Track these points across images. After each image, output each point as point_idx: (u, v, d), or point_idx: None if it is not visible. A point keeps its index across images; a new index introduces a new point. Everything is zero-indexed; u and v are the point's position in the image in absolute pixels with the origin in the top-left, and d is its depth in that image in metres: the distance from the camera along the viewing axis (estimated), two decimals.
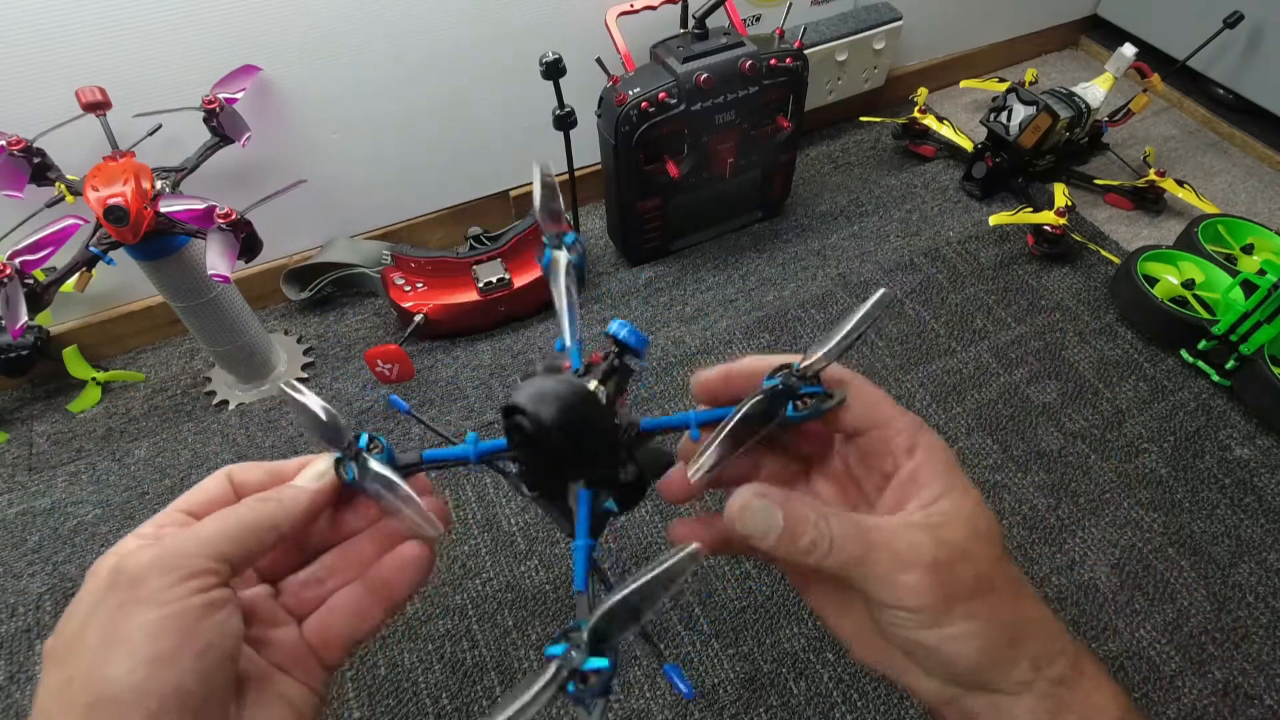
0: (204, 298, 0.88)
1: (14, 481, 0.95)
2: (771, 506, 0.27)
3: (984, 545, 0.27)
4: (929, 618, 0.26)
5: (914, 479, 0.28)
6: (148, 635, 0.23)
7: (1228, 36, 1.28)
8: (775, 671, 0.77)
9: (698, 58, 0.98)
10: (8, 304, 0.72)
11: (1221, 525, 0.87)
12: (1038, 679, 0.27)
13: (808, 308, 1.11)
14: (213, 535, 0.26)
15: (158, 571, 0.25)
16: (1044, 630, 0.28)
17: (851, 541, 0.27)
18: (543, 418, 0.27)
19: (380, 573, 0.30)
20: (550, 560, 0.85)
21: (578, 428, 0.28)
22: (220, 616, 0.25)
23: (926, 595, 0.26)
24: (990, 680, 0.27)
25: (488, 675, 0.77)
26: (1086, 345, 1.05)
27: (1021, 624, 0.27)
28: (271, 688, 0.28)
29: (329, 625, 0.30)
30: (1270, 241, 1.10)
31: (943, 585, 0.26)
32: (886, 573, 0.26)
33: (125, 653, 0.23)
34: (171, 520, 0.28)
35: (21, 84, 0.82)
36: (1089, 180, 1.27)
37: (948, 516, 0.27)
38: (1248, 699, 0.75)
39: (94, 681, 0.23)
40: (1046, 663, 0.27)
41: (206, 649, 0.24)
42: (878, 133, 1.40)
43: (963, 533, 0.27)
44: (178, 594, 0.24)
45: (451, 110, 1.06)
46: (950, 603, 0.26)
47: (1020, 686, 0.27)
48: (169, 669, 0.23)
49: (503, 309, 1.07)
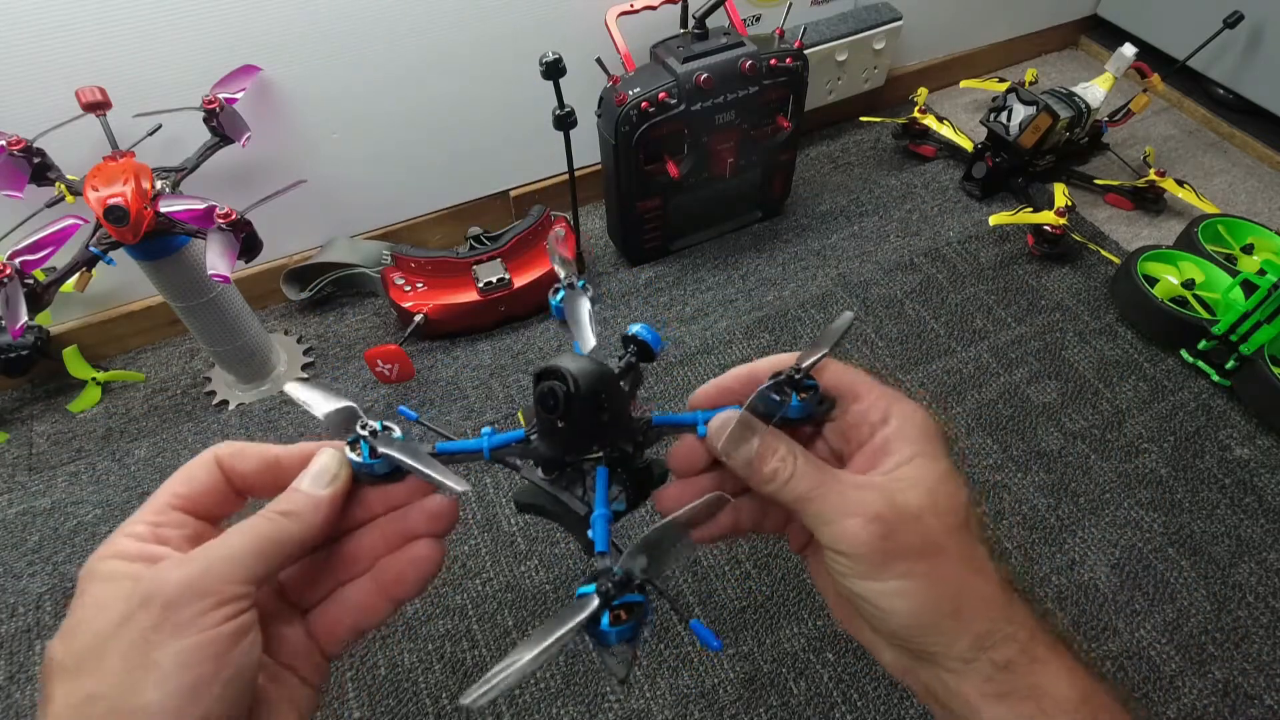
0: (204, 298, 0.88)
1: (14, 481, 0.95)
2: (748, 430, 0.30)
3: (939, 514, 0.28)
4: (864, 568, 0.27)
5: (884, 447, 0.30)
6: (181, 664, 0.23)
7: (1228, 36, 1.28)
8: (775, 671, 0.77)
9: (698, 58, 0.98)
10: (8, 304, 0.72)
11: (1221, 525, 0.87)
12: (979, 658, 0.27)
13: (808, 308, 1.11)
14: (244, 555, 0.26)
15: (192, 596, 0.24)
16: (994, 610, 0.28)
17: (808, 480, 0.28)
18: (577, 378, 0.29)
19: (392, 568, 0.30)
20: (550, 560, 0.85)
21: (605, 393, 0.30)
22: (247, 642, 0.25)
23: (863, 545, 0.27)
24: (932, 650, 0.28)
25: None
26: (1086, 345, 1.05)
27: (967, 596, 0.28)
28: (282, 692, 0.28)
29: (336, 618, 0.30)
30: (1270, 241, 1.10)
31: (882, 538, 0.27)
32: (831, 515, 0.28)
33: (157, 680, 0.23)
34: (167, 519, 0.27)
35: (21, 84, 0.82)
36: (1089, 180, 1.27)
37: (907, 481, 0.28)
38: (1248, 699, 0.75)
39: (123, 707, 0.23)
40: (991, 644, 0.27)
41: (235, 677, 0.24)
42: (878, 133, 1.40)
43: (918, 498, 0.28)
44: (212, 620, 0.24)
45: (451, 110, 1.06)
46: (887, 557, 0.27)
47: (960, 664, 0.27)
48: (200, 699, 0.23)
49: (503, 309, 1.07)
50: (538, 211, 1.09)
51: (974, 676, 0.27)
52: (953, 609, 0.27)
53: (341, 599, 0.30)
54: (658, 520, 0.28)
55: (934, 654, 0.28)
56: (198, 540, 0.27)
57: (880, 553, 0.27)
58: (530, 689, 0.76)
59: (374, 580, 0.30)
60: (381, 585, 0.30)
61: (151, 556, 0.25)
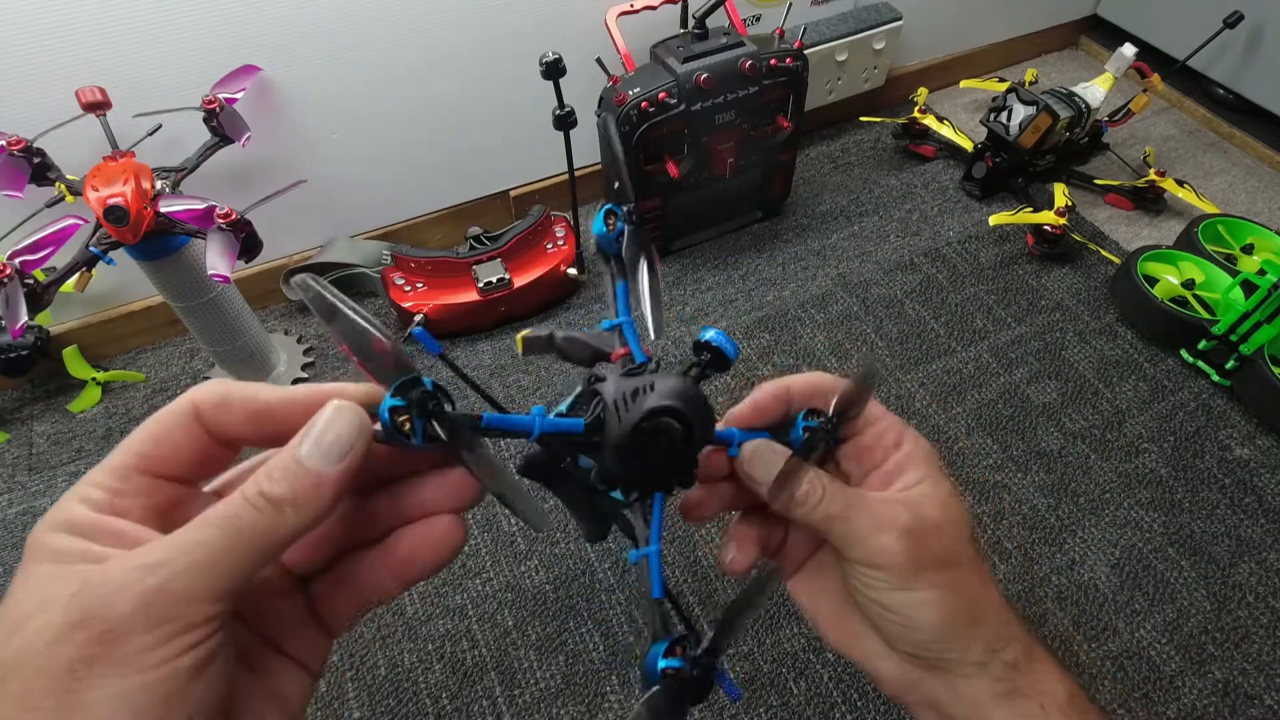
0: (204, 298, 0.88)
1: (14, 481, 0.95)
2: (778, 459, 0.30)
3: (954, 526, 0.30)
4: (899, 579, 0.29)
5: (898, 468, 0.31)
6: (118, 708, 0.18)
7: (1228, 36, 1.28)
8: (775, 671, 0.77)
9: (698, 58, 0.98)
10: (8, 304, 0.72)
11: (1221, 525, 0.87)
12: (992, 660, 0.29)
13: (808, 308, 1.11)
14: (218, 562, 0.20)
15: (143, 624, 0.19)
16: (1000, 615, 0.30)
17: (838, 501, 0.29)
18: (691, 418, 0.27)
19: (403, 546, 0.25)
20: (550, 560, 0.85)
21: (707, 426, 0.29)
22: (212, 671, 0.20)
23: (898, 557, 0.28)
24: (948, 658, 0.29)
25: (488, 675, 0.77)
26: (1086, 345, 1.05)
27: (982, 605, 0.30)
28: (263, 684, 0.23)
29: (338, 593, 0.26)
30: (1270, 241, 1.10)
31: (914, 550, 0.28)
32: (865, 533, 0.29)
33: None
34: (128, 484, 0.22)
35: (21, 84, 0.82)
36: (1089, 180, 1.27)
37: (924, 497, 0.30)
38: (1248, 699, 0.75)
39: None
40: (1001, 646, 0.29)
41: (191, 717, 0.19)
42: (878, 133, 1.40)
43: (936, 511, 0.30)
44: (165, 654, 0.19)
45: (451, 110, 1.06)
46: (919, 567, 0.28)
47: (975, 669, 0.29)
48: None
49: (503, 309, 1.07)
50: (538, 211, 1.09)
51: (986, 678, 0.29)
52: (972, 616, 0.29)
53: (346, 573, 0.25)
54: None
55: (950, 661, 0.29)
56: (166, 512, 0.22)
57: (913, 563, 0.28)
58: (530, 689, 0.76)
59: (384, 558, 0.25)
60: (392, 563, 0.25)
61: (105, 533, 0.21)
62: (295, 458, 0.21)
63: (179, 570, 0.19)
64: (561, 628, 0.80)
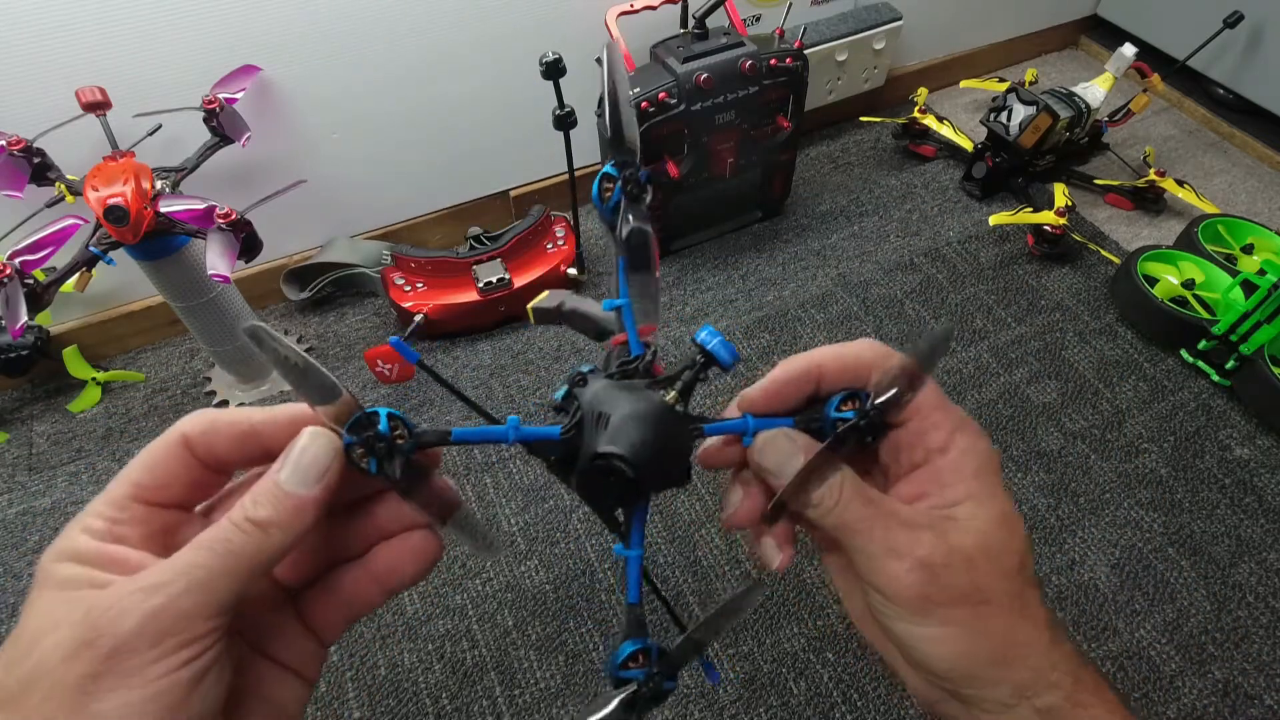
0: (204, 298, 0.88)
1: (14, 481, 0.95)
2: (796, 449, 0.27)
3: (991, 559, 0.26)
4: (906, 612, 0.26)
5: (938, 477, 0.27)
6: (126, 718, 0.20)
7: (1228, 36, 1.28)
8: (775, 671, 0.77)
9: (698, 58, 0.98)
10: (8, 304, 0.72)
11: (1221, 525, 0.87)
12: (1021, 704, 0.26)
13: (808, 308, 1.11)
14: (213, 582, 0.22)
15: (148, 640, 0.21)
16: (1041, 659, 0.26)
17: (856, 510, 0.26)
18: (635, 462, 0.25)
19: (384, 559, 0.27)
20: (550, 560, 0.85)
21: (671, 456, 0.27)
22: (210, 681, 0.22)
23: (908, 590, 0.25)
24: (969, 694, 0.26)
25: (488, 675, 0.77)
26: (1086, 345, 1.05)
27: (1014, 645, 0.26)
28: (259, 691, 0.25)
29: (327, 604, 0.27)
30: (1270, 241, 1.10)
31: (926, 585, 0.25)
32: (877, 553, 0.26)
33: None
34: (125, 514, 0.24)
35: (21, 84, 0.82)
36: (1089, 180, 1.27)
37: (961, 521, 0.26)
38: (1248, 699, 0.75)
39: None
40: (1035, 692, 0.26)
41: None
42: (878, 133, 1.40)
43: (972, 540, 0.26)
44: (167, 667, 0.21)
45: (451, 110, 1.06)
46: (930, 603, 0.25)
47: (1000, 707, 0.26)
48: None
49: (503, 309, 1.07)
50: (538, 211, 1.09)
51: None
52: (996, 657, 0.26)
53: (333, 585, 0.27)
54: None
55: (970, 696, 0.26)
56: (163, 537, 0.24)
57: (922, 598, 0.25)
58: (530, 689, 0.76)
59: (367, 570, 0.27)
60: (374, 575, 0.27)
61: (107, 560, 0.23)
62: (276, 483, 0.23)
63: (177, 592, 0.21)
64: (561, 628, 0.80)
